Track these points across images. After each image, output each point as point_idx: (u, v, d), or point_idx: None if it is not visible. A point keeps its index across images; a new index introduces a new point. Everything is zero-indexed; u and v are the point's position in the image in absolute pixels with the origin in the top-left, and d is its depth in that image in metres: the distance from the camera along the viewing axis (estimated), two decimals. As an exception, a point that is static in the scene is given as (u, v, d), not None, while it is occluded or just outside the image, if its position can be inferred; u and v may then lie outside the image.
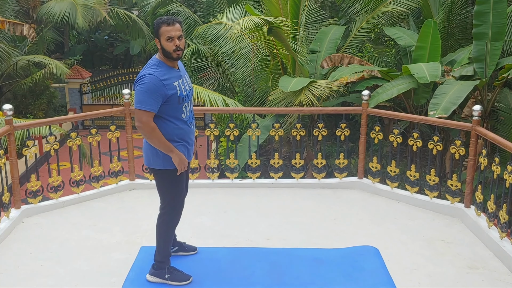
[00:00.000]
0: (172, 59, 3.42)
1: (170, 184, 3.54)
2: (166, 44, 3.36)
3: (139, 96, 3.30)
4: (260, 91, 10.37)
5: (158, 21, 3.39)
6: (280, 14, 9.32)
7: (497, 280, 3.83)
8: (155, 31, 3.40)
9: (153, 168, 3.53)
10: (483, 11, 7.53)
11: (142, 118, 3.30)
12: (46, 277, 3.80)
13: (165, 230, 3.60)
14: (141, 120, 3.30)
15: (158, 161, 3.47)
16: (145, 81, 3.29)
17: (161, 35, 3.36)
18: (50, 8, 16.26)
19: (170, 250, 3.69)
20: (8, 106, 4.69)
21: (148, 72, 3.32)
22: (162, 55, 3.43)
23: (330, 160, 9.04)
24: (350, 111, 6.65)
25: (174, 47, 3.36)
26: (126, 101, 5.51)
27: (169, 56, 3.40)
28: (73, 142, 5.25)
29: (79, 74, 20.94)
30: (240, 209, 5.19)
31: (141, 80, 3.31)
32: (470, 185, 4.92)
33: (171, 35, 3.35)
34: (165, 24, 3.36)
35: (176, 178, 3.51)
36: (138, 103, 3.30)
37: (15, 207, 4.85)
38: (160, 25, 3.36)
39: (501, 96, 8.25)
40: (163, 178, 3.54)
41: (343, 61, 9.09)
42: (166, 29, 3.35)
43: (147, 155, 3.53)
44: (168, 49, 3.37)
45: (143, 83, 3.29)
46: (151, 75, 3.31)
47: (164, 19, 3.38)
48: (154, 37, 3.44)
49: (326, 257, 4.09)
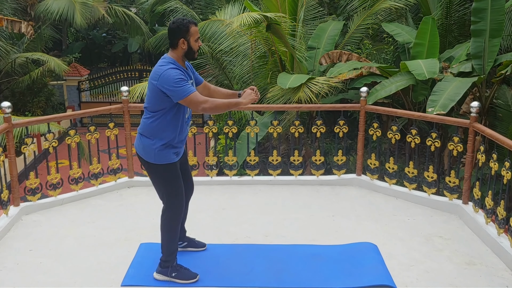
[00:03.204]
0: (193, 59, 3.53)
1: (164, 180, 3.55)
2: (194, 44, 3.44)
3: (175, 87, 3.29)
4: (258, 88, 10.36)
5: (183, 21, 3.42)
6: (278, 11, 9.32)
7: (494, 276, 3.85)
8: (183, 31, 3.41)
9: (146, 161, 3.54)
10: (481, 7, 7.54)
11: (196, 101, 3.33)
12: (45, 274, 3.80)
13: (168, 227, 3.61)
14: (200, 103, 3.34)
15: (150, 155, 3.49)
16: (173, 73, 3.31)
17: (191, 35, 3.42)
18: (48, 5, 16.24)
19: (176, 247, 3.67)
20: (6, 103, 4.68)
21: (168, 67, 3.35)
22: (181, 54, 3.46)
23: (329, 157, 9.07)
24: (349, 108, 6.65)
25: (198, 47, 3.48)
26: (124, 98, 5.51)
27: (192, 56, 3.50)
28: (72, 140, 5.25)
29: (77, 72, 20.93)
30: (238, 206, 5.20)
31: (166, 75, 3.31)
32: (468, 182, 4.94)
33: (199, 36, 3.48)
34: (193, 24, 3.45)
35: (170, 174, 3.53)
36: (182, 93, 3.30)
37: (14, 205, 4.85)
38: (189, 25, 3.41)
39: (499, 92, 8.26)
40: (157, 173, 3.56)
41: (341, 58, 9.10)
42: (195, 29, 3.45)
43: (140, 147, 3.55)
44: (195, 49, 3.46)
45: (171, 76, 3.29)
46: (174, 69, 3.35)
47: (189, 20, 3.45)
48: (178, 37, 3.42)
49: (324, 254, 4.10)
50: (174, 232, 3.64)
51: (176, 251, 3.68)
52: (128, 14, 18.66)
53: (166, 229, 3.62)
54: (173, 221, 3.60)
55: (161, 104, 3.42)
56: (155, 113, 3.46)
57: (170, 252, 3.65)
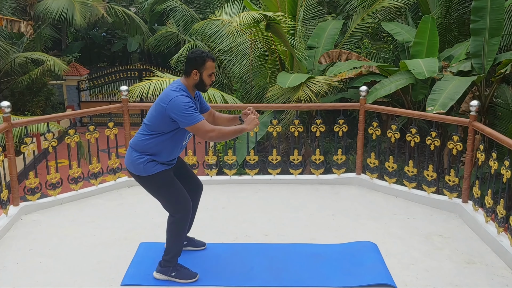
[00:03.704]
0: (203, 91, 3.58)
1: (160, 188, 3.56)
2: (207, 79, 3.49)
3: (185, 114, 3.35)
4: (258, 87, 10.38)
5: (201, 54, 3.46)
6: (278, 10, 9.32)
7: (494, 275, 3.85)
8: (198, 63, 3.45)
9: (137, 175, 3.58)
10: (481, 6, 7.54)
11: (204, 130, 3.39)
12: (45, 274, 3.80)
13: (175, 232, 3.60)
14: (207, 132, 3.40)
15: (139, 168, 3.53)
16: (183, 100, 3.36)
17: (206, 69, 3.46)
18: (48, 5, 16.22)
19: (180, 249, 3.68)
20: (5, 103, 4.68)
21: (179, 94, 3.39)
22: (192, 84, 3.51)
23: (328, 156, 9.06)
24: (348, 107, 6.66)
25: (211, 82, 3.53)
26: (124, 97, 5.50)
27: (203, 89, 3.55)
28: (71, 139, 5.25)
29: (76, 71, 20.91)
30: (238, 205, 5.20)
31: (177, 101, 3.35)
32: (468, 181, 4.94)
33: (214, 71, 3.52)
34: (211, 60, 3.48)
35: (164, 181, 3.53)
36: (191, 120, 3.36)
37: (14, 204, 4.85)
38: (206, 59, 3.45)
39: (499, 91, 8.27)
40: (151, 184, 3.59)
41: (341, 57, 9.10)
42: (212, 65, 3.49)
43: (129, 161, 3.59)
44: (207, 82, 3.51)
45: (182, 102, 3.35)
46: (184, 96, 3.39)
47: (208, 53, 3.50)
48: (192, 68, 3.46)
49: (324, 253, 4.10)
50: (181, 236, 3.65)
51: (180, 252, 3.68)
52: (128, 14, 18.64)
53: (173, 233, 3.61)
54: (180, 226, 3.59)
55: (164, 126, 3.47)
56: (155, 133, 3.50)
57: (174, 254, 3.65)
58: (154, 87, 9.00)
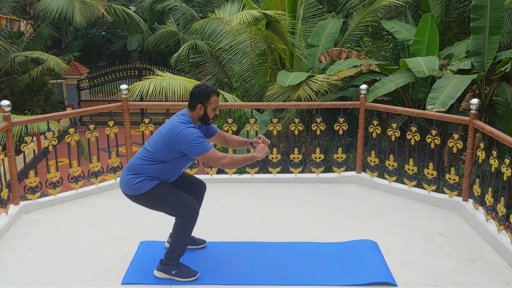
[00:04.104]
0: (206, 124, 3.66)
1: (161, 200, 3.56)
2: (211, 112, 3.57)
3: (195, 145, 3.42)
4: (258, 86, 10.37)
5: (206, 89, 3.53)
6: (278, 8, 9.31)
7: (494, 273, 3.85)
8: (203, 98, 3.52)
9: (133, 195, 3.60)
10: (481, 5, 7.54)
11: (215, 158, 3.47)
12: (46, 273, 3.80)
13: (183, 231, 3.61)
14: (218, 159, 3.48)
15: (135, 187, 3.54)
16: (191, 131, 3.44)
17: (210, 103, 3.54)
18: (47, 4, 16.21)
19: (184, 249, 3.68)
20: (6, 102, 4.68)
21: (187, 126, 3.46)
22: (196, 117, 3.57)
23: (328, 154, 9.06)
24: (348, 105, 6.66)
25: (214, 115, 3.61)
26: (124, 96, 5.50)
27: (206, 122, 3.62)
28: (71, 138, 5.25)
29: (76, 70, 20.90)
30: (238, 204, 5.20)
31: (185, 133, 3.41)
32: (468, 179, 4.94)
33: (218, 105, 3.59)
34: (215, 94, 3.55)
35: (161, 192, 3.54)
36: (201, 150, 3.43)
37: (14, 203, 4.85)
38: (210, 93, 3.53)
39: (499, 90, 8.26)
40: (150, 200, 3.60)
41: (341, 56, 9.09)
42: (216, 99, 3.57)
43: (124, 183, 3.62)
44: (210, 116, 3.59)
45: (190, 133, 3.42)
46: (192, 127, 3.47)
47: (213, 88, 3.57)
48: (197, 102, 3.53)
49: (324, 251, 4.10)
50: (188, 236, 3.68)
51: (183, 252, 3.69)
52: (128, 13, 18.63)
53: (180, 233, 3.62)
54: (188, 226, 3.62)
55: (168, 156, 3.51)
56: (157, 161, 3.53)
57: (179, 253, 3.65)
58: (154, 86, 9.00)
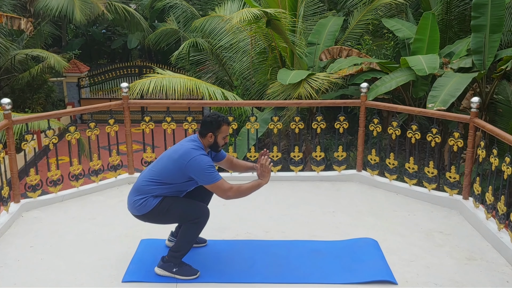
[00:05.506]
0: (216, 151, 3.78)
1: (168, 212, 3.58)
2: (221, 141, 3.69)
3: (206, 173, 3.50)
4: (258, 84, 10.36)
5: (218, 119, 3.62)
6: (278, 6, 9.29)
7: (495, 271, 3.85)
8: (214, 127, 3.62)
9: (141, 215, 3.62)
10: (482, 3, 7.52)
11: (223, 189, 3.55)
12: (46, 271, 3.80)
13: (193, 231, 3.63)
14: (225, 191, 3.56)
15: (142, 207, 3.57)
16: (204, 160, 3.52)
17: (221, 132, 3.66)
18: (48, 2, 16.18)
19: (189, 249, 3.69)
20: (6, 100, 4.67)
21: (200, 153, 3.54)
22: (206, 144, 3.66)
23: (329, 153, 9.06)
24: (349, 103, 6.64)
25: (224, 143, 3.72)
26: (124, 94, 5.50)
27: (216, 150, 3.72)
28: (72, 136, 5.25)
29: (77, 68, 20.88)
30: (239, 202, 5.15)
31: (197, 160, 3.49)
32: (469, 177, 4.94)
33: (228, 134, 3.73)
34: (226, 124, 3.67)
35: (169, 203, 3.57)
36: (211, 179, 3.51)
37: (15, 201, 4.85)
38: (221, 123, 3.64)
39: (500, 88, 8.25)
40: (158, 216, 3.61)
41: (341, 54, 9.08)
42: (226, 129, 3.68)
43: (130, 204, 3.64)
44: (220, 144, 3.70)
45: (203, 162, 3.50)
46: (204, 155, 3.55)
47: (224, 118, 3.66)
48: (208, 130, 3.62)
49: (325, 249, 4.10)
50: (196, 236, 3.71)
51: (188, 252, 3.70)
52: (128, 10, 18.61)
53: (189, 239, 3.65)
54: (198, 227, 3.65)
55: (177, 179, 3.57)
56: (164, 183, 3.57)
57: (184, 252, 3.66)
58: (154, 84, 8.99)
